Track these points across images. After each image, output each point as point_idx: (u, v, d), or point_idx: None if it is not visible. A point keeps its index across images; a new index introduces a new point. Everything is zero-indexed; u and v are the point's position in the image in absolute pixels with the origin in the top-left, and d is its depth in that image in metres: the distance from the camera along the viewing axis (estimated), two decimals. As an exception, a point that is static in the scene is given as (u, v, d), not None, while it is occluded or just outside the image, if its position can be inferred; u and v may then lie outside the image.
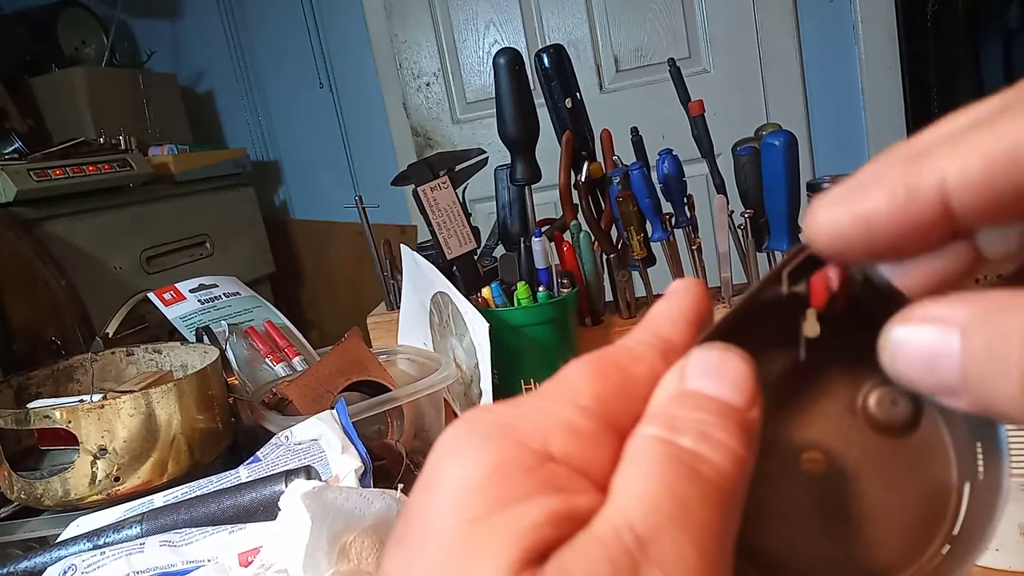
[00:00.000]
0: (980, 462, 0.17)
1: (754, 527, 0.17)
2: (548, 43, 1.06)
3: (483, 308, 0.76)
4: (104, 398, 0.66)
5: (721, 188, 0.82)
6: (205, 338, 0.81)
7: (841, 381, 0.18)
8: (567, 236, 0.88)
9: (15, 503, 0.67)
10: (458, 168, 0.87)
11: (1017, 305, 0.13)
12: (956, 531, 0.17)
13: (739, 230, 0.80)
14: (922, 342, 0.14)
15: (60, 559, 0.49)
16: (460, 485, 0.15)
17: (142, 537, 0.49)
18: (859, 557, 0.18)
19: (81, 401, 0.65)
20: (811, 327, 0.18)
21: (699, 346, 0.17)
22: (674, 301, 0.20)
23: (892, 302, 0.16)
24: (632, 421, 0.17)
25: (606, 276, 0.90)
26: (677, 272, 0.86)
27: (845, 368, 0.18)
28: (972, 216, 0.14)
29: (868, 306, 0.17)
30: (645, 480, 0.15)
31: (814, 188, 0.75)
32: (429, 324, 0.81)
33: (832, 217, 0.15)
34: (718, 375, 0.16)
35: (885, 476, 0.17)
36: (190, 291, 0.90)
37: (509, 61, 0.79)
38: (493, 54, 0.82)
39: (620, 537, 0.14)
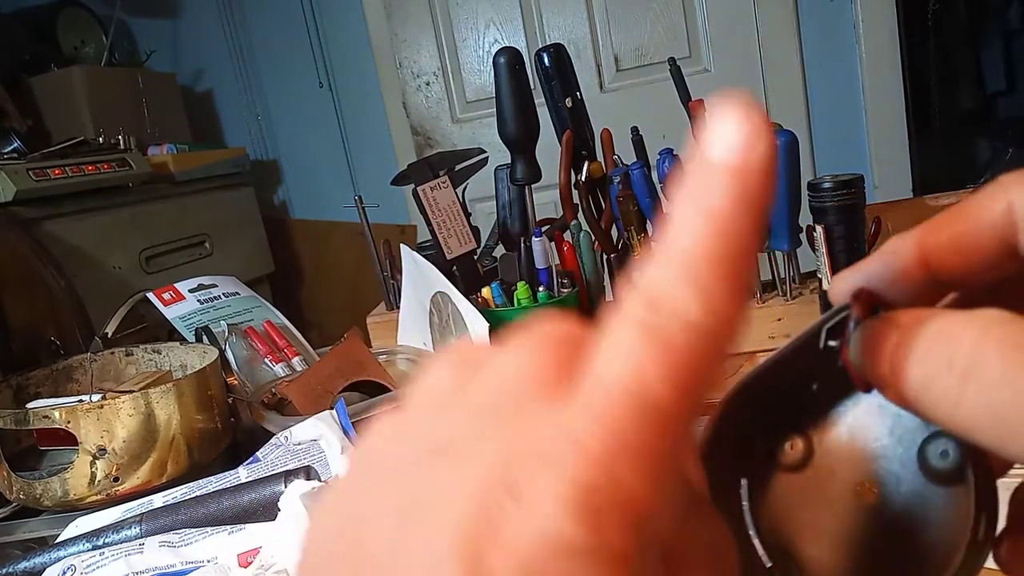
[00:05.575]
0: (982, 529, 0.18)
1: (806, 536, 0.20)
2: (548, 42, 1.06)
3: (483, 308, 0.76)
4: (103, 398, 0.66)
5: (721, 188, 0.82)
6: (204, 338, 0.80)
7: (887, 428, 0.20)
8: (567, 236, 0.88)
9: (14, 503, 0.67)
10: (458, 168, 0.86)
11: (928, 319, 0.16)
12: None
13: (739, 230, 0.80)
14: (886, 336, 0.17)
15: (59, 559, 0.49)
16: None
17: (141, 538, 0.49)
18: None
19: (80, 401, 0.65)
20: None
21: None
22: None
23: None
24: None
25: (606, 276, 0.90)
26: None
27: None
28: (939, 265, 0.18)
29: None
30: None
31: (815, 188, 0.75)
32: (429, 324, 0.81)
33: (845, 281, 0.19)
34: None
35: (925, 518, 0.19)
36: (189, 291, 0.90)
37: (509, 60, 0.79)
38: (493, 53, 0.82)
39: None
